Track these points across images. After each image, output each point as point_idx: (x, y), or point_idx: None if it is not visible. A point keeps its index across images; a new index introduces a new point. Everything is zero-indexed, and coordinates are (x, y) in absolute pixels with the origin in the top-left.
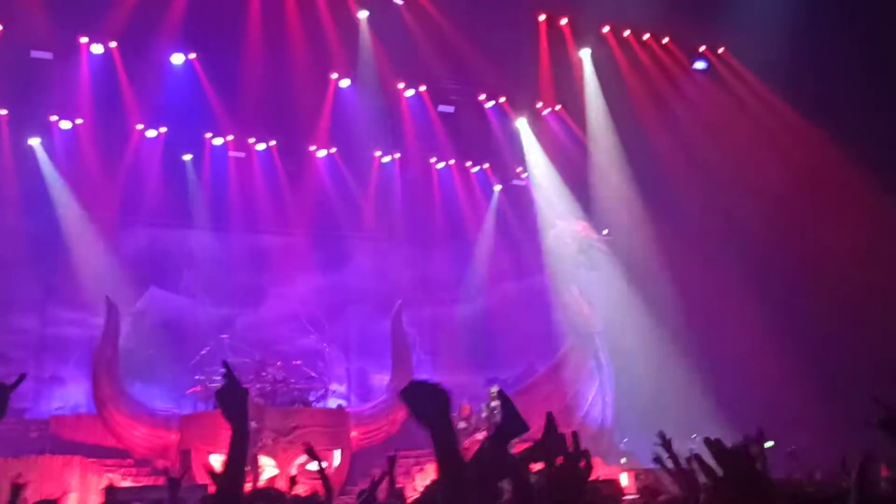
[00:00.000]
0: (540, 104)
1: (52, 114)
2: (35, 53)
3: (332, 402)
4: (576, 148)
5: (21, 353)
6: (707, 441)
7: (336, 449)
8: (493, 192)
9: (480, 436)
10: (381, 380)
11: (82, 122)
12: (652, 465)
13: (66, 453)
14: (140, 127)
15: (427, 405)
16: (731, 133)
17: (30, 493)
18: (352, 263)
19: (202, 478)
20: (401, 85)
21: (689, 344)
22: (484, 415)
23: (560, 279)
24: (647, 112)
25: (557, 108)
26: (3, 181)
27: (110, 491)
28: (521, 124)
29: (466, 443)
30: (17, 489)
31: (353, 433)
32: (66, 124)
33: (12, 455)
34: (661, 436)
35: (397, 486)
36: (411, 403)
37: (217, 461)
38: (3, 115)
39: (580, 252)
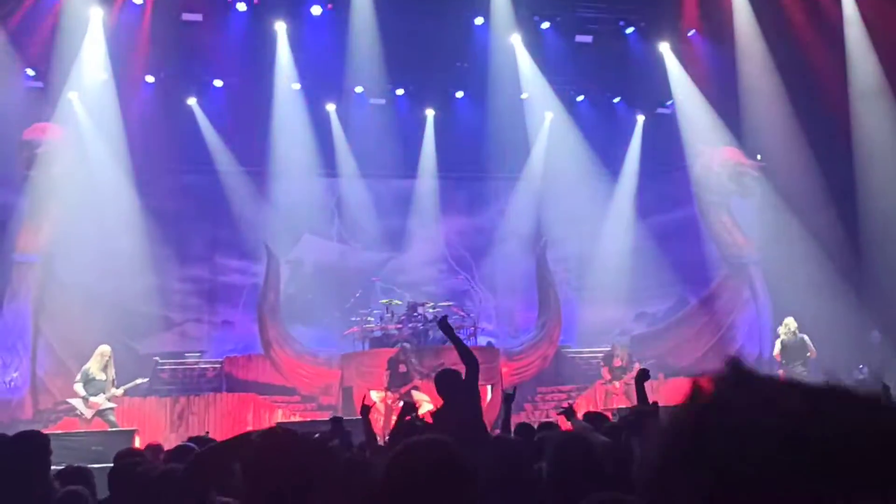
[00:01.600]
0: (683, 26)
1: (206, 74)
2: (186, 16)
3: (482, 340)
4: (724, 71)
5: (196, 301)
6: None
7: (488, 384)
8: (635, 122)
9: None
10: (528, 317)
11: (232, 80)
12: None
13: (239, 391)
14: (285, 80)
15: None
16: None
17: (211, 428)
18: (495, 204)
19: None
20: (535, 18)
21: (851, 272)
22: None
23: (711, 209)
24: (802, 27)
25: (702, 28)
26: (168, 141)
27: (282, 425)
28: (664, 49)
29: (627, 378)
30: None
31: (504, 369)
32: (218, 83)
33: (193, 393)
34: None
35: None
36: None
37: (377, 396)
38: (163, 78)
39: (731, 180)
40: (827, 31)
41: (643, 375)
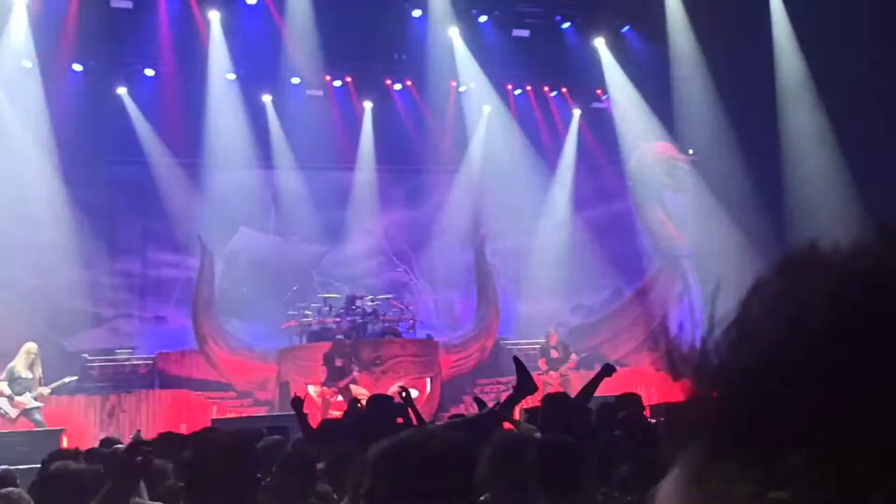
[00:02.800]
0: (617, 21)
1: (136, 63)
2: (115, 3)
3: (422, 333)
4: (657, 66)
5: (127, 295)
6: None
7: (427, 377)
8: (572, 116)
9: (571, 364)
10: (467, 309)
11: (164, 69)
12: None
13: (172, 388)
14: (219, 70)
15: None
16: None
17: (143, 426)
18: (434, 197)
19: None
20: (473, 11)
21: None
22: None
23: (645, 203)
24: (731, 24)
25: (636, 24)
26: (97, 131)
27: (217, 422)
28: (599, 44)
29: (563, 369)
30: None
31: (443, 361)
32: (150, 72)
33: (124, 391)
34: None
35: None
36: None
37: (314, 391)
38: (91, 67)
39: (664, 174)
40: (755, 26)
41: (607, 370)
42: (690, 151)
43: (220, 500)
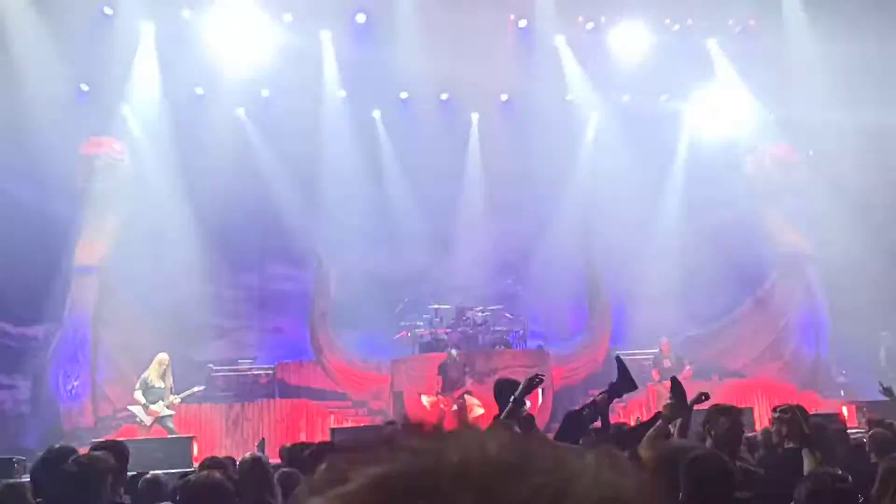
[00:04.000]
0: (731, 21)
1: (255, 84)
2: None
3: (532, 343)
4: (773, 65)
5: (247, 308)
6: None
7: (539, 388)
8: (683, 118)
9: (685, 374)
10: (578, 319)
11: (281, 89)
12: (878, 398)
13: (291, 397)
14: (331, 89)
15: None
16: None
17: (266, 434)
18: (541, 206)
19: (415, 417)
20: (580, 18)
21: None
22: None
23: (763, 206)
24: (855, 15)
25: (750, 22)
26: (220, 151)
27: (335, 431)
28: (712, 45)
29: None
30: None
31: (555, 373)
32: (265, 93)
33: (247, 400)
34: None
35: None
36: None
37: (427, 401)
38: (212, 89)
39: (783, 176)
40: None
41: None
42: (811, 152)
43: None
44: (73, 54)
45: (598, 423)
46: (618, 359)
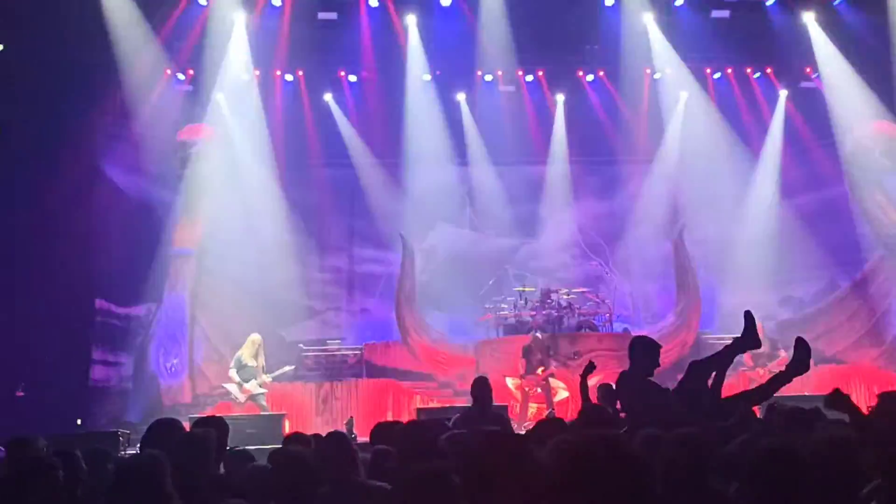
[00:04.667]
0: None
1: (341, 70)
2: (322, 15)
3: (618, 326)
4: (875, 39)
5: (335, 290)
6: None
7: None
8: (777, 97)
9: (781, 361)
10: (666, 303)
11: (366, 74)
12: None
13: (378, 377)
14: (416, 71)
15: None
16: None
17: (354, 412)
18: (629, 187)
19: (499, 399)
20: None
21: None
22: None
23: (863, 187)
24: None
25: None
26: (307, 136)
27: (421, 411)
28: (809, 19)
29: (772, 366)
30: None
31: None
32: (353, 78)
33: (336, 379)
34: None
35: None
36: None
37: (512, 384)
38: (300, 76)
39: (885, 155)
40: None
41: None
42: None
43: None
44: (171, 44)
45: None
46: (747, 313)
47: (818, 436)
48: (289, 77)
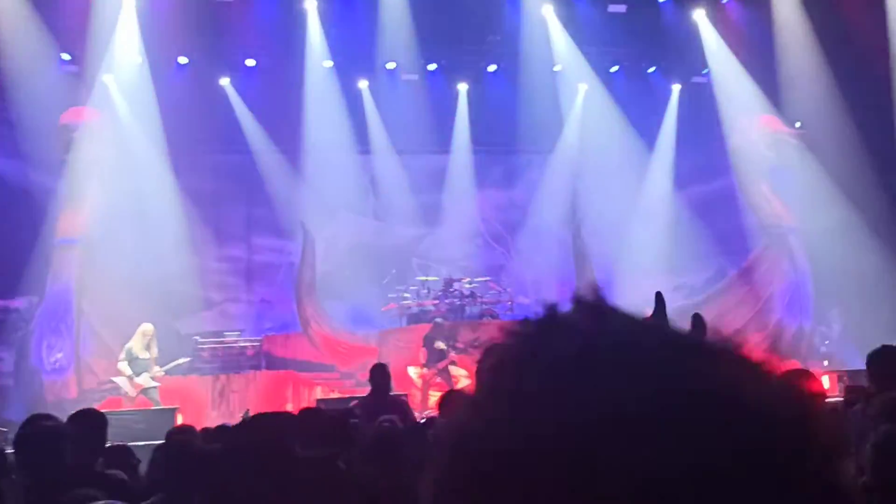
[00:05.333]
0: None
1: (238, 53)
2: None
3: (520, 315)
4: (761, 37)
5: (234, 280)
6: None
7: None
8: (671, 92)
9: None
10: (567, 290)
11: (264, 59)
12: (857, 367)
13: (278, 369)
14: (316, 58)
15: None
16: None
17: (252, 405)
18: (530, 177)
19: (401, 388)
20: None
21: (894, 240)
22: None
23: (749, 179)
24: None
25: None
26: (202, 122)
27: (322, 401)
28: (699, 17)
29: None
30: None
31: None
32: (250, 62)
33: (233, 371)
34: None
35: None
36: None
37: (414, 373)
38: (195, 59)
39: (769, 149)
40: None
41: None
42: (797, 124)
43: None
44: (54, 24)
45: None
46: (658, 294)
47: None
48: (182, 60)
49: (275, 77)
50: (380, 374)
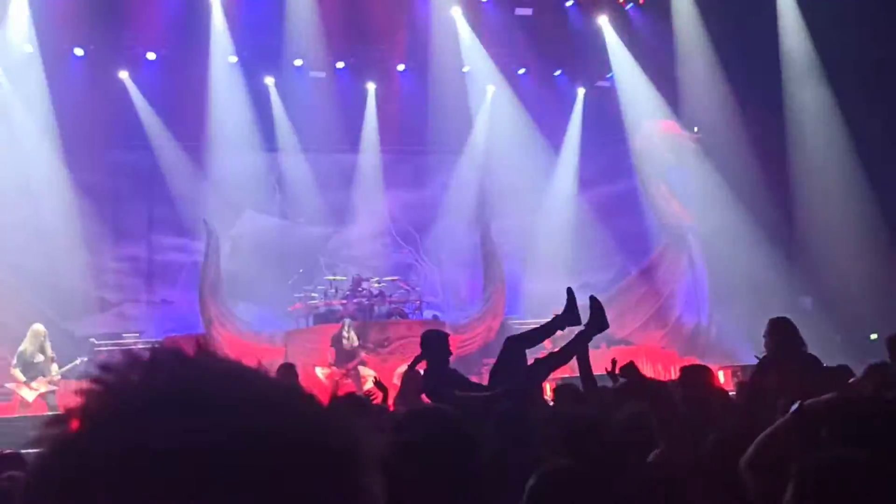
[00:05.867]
0: None
1: (138, 46)
2: None
3: (428, 314)
4: (662, 44)
5: (133, 280)
6: None
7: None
8: (576, 95)
9: None
10: (474, 290)
11: (166, 52)
12: (752, 362)
13: None
14: (221, 52)
15: None
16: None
17: None
18: (439, 177)
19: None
20: None
21: (784, 241)
22: None
23: (650, 180)
24: (737, 2)
25: (639, 1)
26: (100, 116)
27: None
28: (603, 22)
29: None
30: None
31: (450, 341)
32: (151, 56)
33: None
34: None
35: None
36: None
37: (322, 373)
38: (92, 51)
39: (669, 152)
40: (761, 5)
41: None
42: (695, 129)
43: None
44: None
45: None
46: (569, 290)
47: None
48: (78, 51)
49: (177, 71)
50: (286, 375)
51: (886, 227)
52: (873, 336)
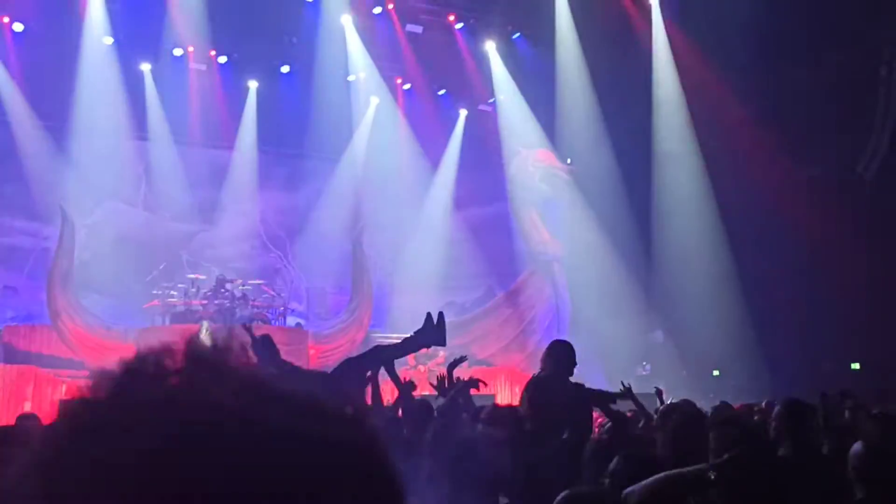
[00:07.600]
0: (509, 27)
1: (4, 14)
2: None
3: (291, 321)
4: (543, 75)
5: None
6: None
7: None
8: (458, 116)
9: (439, 360)
10: (340, 300)
11: (35, 25)
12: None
13: (19, 363)
14: (96, 32)
15: None
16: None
17: None
18: (314, 184)
19: None
20: (368, 1)
21: (642, 274)
22: None
23: (522, 206)
24: (617, 41)
25: (526, 32)
26: None
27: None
28: (490, 48)
29: (431, 364)
30: None
31: (311, 351)
32: (18, 27)
33: None
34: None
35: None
36: None
37: None
38: None
39: (543, 181)
40: (636, 44)
41: (456, 362)
42: (568, 161)
43: None
44: None
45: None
46: (428, 315)
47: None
48: None
49: (45, 46)
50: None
51: (736, 269)
52: (716, 373)
